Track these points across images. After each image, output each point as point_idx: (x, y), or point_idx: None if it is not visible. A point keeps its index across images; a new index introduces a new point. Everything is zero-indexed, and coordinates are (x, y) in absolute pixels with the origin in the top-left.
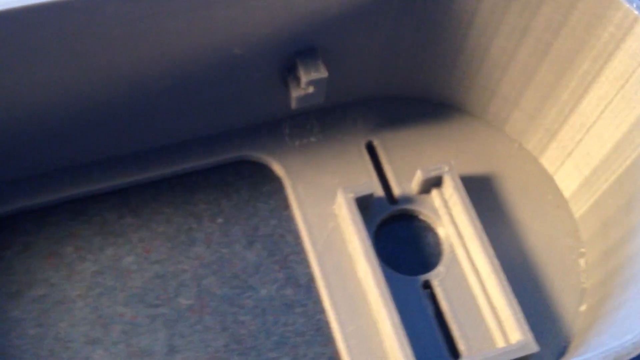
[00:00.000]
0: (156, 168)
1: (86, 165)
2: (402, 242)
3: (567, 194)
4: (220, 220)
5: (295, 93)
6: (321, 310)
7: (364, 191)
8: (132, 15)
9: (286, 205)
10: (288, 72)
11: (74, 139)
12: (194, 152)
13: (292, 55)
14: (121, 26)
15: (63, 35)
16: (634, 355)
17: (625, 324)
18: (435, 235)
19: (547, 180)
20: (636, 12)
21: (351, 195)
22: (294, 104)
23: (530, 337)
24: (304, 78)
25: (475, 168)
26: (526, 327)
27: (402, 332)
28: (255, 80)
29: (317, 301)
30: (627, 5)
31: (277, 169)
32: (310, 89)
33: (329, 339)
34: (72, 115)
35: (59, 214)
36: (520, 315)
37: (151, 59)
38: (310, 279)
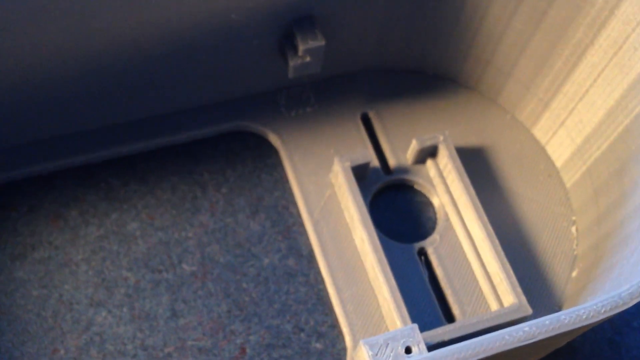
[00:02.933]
0: (159, 136)
1: (92, 132)
2: (397, 211)
3: (559, 163)
4: (224, 189)
5: (293, 62)
6: (322, 280)
7: (360, 160)
8: None
9: None
10: (285, 40)
11: (76, 104)
12: (193, 122)
13: (289, 23)
14: None
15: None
16: (630, 305)
17: (620, 280)
18: (430, 204)
19: (539, 150)
20: None
21: (348, 164)
22: (291, 73)
23: (523, 300)
24: (302, 46)
25: (469, 139)
26: (519, 290)
27: (398, 297)
28: (253, 47)
29: (319, 271)
30: None
31: (273, 139)
32: (307, 58)
33: (330, 308)
34: (73, 80)
35: (65, 178)
36: (514, 278)
37: (150, 23)
38: (312, 250)
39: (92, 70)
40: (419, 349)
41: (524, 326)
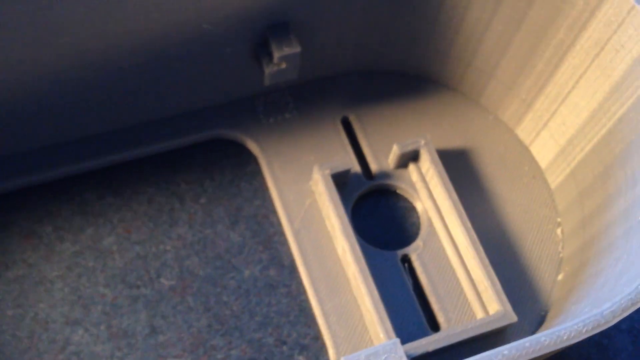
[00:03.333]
0: (134, 147)
1: (64, 145)
2: (380, 217)
3: (543, 164)
4: (203, 200)
5: (268, 69)
6: (305, 291)
7: (340, 167)
8: None
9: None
10: (260, 48)
11: (49, 118)
12: (168, 132)
13: (263, 30)
14: (86, 4)
15: (29, 13)
16: (612, 323)
17: (604, 292)
18: (413, 209)
19: (524, 151)
20: None
21: (327, 172)
22: (267, 81)
23: (508, 307)
24: (276, 53)
25: (452, 141)
26: (504, 298)
27: (381, 307)
28: (227, 56)
29: (301, 282)
30: None
31: (252, 146)
32: (283, 65)
33: (313, 320)
34: (44, 94)
35: (38, 194)
36: (498, 286)
37: (120, 36)
38: (294, 260)
39: (62, 84)
40: None
41: (504, 349)
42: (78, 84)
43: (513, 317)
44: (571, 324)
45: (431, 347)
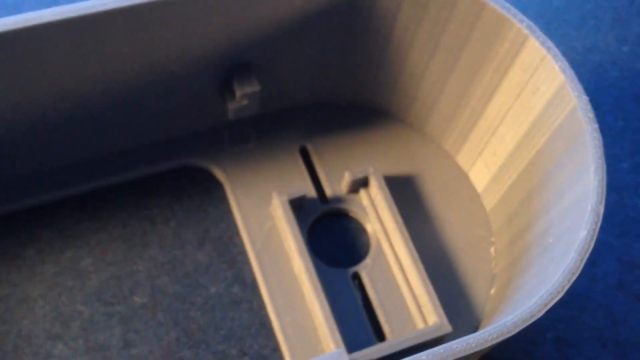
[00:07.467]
0: (109, 174)
1: (44, 173)
2: (334, 237)
3: (479, 189)
4: (172, 223)
5: (231, 105)
6: (265, 306)
7: (296, 194)
8: (74, 41)
9: None
10: (224, 87)
11: (30, 149)
12: (141, 160)
13: (226, 71)
14: (64, 51)
15: (3, 61)
16: (514, 332)
17: (518, 305)
18: (363, 230)
19: (462, 176)
20: (526, 31)
21: (285, 198)
22: (230, 115)
23: (444, 319)
24: (238, 92)
25: (399, 167)
26: (441, 310)
27: (332, 321)
28: (193, 93)
29: (262, 298)
30: (518, 24)
31: (218, 174)
32: (245, 101)
33: (272, 332)
34: (22, 128)
35: (20, 219)
36: (436, 300)
37: (93, 78)
38: (255, 278)
39: (39, 118)
40: None
41: (422, 355)
42: (56, 119)
43: (448, 328)
44: (480, 333)
45: (375, 355)
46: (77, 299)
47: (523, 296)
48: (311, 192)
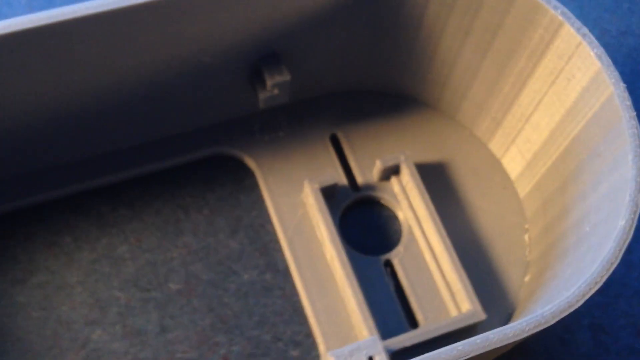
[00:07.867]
0: (143, 164)
1: (81, 163)
2: (365, 225)
3: (512, 176)
4: (205, 211)
5: (262, 95)
6: (297, 293)
7: (328, 181)
8: (107, 35)
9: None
10: (254, 76)
11: (68, 139)
12: (174, 149)
13: (256, 61)
14: (97, 45)
15: (42, 56)
16: (552, 322)
17: (554, 293)
18: (395, 218)
19: (495, 163)
20: (561, 18)
21: (317, 186)
22: (261, 104)
23: (478, 306)
24: (269, 82)
25: (431, 155)
26: (475, 297)
27: (365, 307)
28: (225, 84)
29: (294, 285)
30: (553, 11)
31: (249, 162)
32: (275, 91)
33: (305, 319)
34: (61, 120)
35: (58, 208)
36: (470, 287)
37: (128, 71)
38: (287, 265)
39: (76, 110)
40: (380, 358)
41: (458, 345)
42: (93, 111)
43: (482, 315)
44: (517, 323)
45: (409, 343)
46: (114, 285)
47: (559, 285)
48: (342, 180)
